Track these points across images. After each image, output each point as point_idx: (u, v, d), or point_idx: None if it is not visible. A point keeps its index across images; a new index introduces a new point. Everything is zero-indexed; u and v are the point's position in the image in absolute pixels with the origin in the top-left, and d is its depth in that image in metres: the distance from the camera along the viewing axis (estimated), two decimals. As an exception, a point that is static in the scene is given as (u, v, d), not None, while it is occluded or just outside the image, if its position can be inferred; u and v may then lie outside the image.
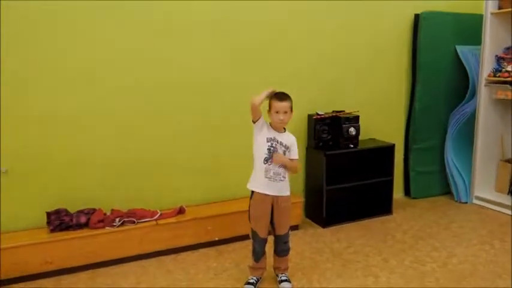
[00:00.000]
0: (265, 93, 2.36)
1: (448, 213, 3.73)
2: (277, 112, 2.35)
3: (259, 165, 2.39)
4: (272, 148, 2.37)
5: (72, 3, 2.72)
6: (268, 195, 2.40)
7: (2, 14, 2.57)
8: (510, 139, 3.99)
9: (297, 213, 3.31)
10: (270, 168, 2.38)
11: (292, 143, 2.45)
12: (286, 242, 2.52)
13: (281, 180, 2.41)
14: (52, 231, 2.68)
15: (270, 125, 2.42)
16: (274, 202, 2.42)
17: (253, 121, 2.38)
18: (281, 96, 2.37)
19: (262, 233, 2.45)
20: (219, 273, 2.70)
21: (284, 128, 2.46)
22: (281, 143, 2.40)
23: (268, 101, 2.39)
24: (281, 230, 2.48)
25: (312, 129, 3.46)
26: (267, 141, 2.38)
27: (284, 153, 2.41)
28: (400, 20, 3.86)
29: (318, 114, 3.44)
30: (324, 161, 3.34)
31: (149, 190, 3.10)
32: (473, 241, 3.14)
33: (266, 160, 2.38)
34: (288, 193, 2.46)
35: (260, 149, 2.38)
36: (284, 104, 2.35)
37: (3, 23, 2.58)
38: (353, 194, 3.69)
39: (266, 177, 2.38)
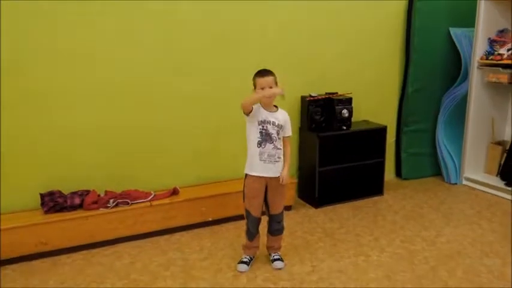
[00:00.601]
0: (262, 93, 2.31)
1: (438, 194, 3.79)
2: (262, 89, 2.33)
3: (253, 149, 2.40)
4: (264, 131, 2.37)
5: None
6: (264, 177, 2.42)
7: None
8: (500, 122, 4.04)
9: (289, 194, 3.34)
10: (264, 151, 2.39)
11: (286, 121, 2.45)
12: (280, 222, 2.55)
13: (276, 161, 2.42)
14: (46, 212, 2.69)
15: (260, 105, 2.41)
16: (268, 182, 2.45)
17: (246, 114, 2.36)
18: (263, 72, 2.35)
19: (255, 212, 2.48)
20: (213, 252, 2.74)
21: (276, 106, 2.45)
22: (273, 123, 2.39)
23: (253, 81, 2.38)
24: (275, 210, 2.51)
25: (305, 110, 3.47)
26: (258, 125, 2.38)
27: (277, 133, 2.40)
28: (395, 2, 3.84)
29: (311, 95, 3.44)
30: (317, 142, 3.36)
31: (143, 171, 3.11)
32: (462, 221, 3.21)
33: (259, 144, 2.38)
34: (279, 174, 2.47)
35: (253, 133, 2.39)
36: (268, 79, 2.33)
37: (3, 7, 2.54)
38: (345, 175, 3.73)
39: (261, 160, 2.39)
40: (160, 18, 2.98)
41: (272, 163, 2.41)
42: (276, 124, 2.40)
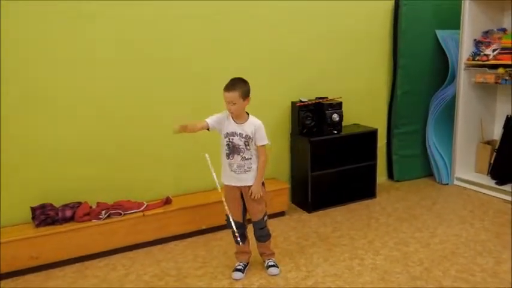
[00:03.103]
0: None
1: (430, 194, 3.82)
2: (226, 102, 2.35)
3: (224, 160, 2.44)
4: (230, 143, 2.39)
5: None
6: (237, 186, 2.45)
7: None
8: (489, 121, 4.09)
9: (283, 199, 3.36)
10: (232, 163, 2.41)
11: (256, 130, 2.38)
12: (262, 228, 2.54)
13: (246, 171, 2.42)
14: (38, 226, 2.66)
15: (230, 116, 2.40)
16: (243, 190, 2.47)
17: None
18: (228, 86, 2.34)
19: (233, 216, 2.49)
20: (208, 261, 2.73)
21: (247, 113, 2.44)
22: (240, 135, 2.38)
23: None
24: (254, 217, 2.53)
25: (295, 116, 3.48)
26: (225, 137, 2.41)
27: (245, 144, 2.38)
28: (381, 6, 3.88)
29: (301, 101, 3.46)
30: (309, 147, 3.37)
31: (135, 182, 3.09)
32: (455, 221, 3.23)
33: (228, 155, 2.41)
34: (252, 183, 2.44)
35: (222, 145, 2.43)
36: (228, 95, 2.32)
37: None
38: (338, 179, 3.74)
39: (231, 170, 2.42)
40: (150, 35, 2.99)
41: (243, 173, 2.42)
42: (244, 136, 2.38)
